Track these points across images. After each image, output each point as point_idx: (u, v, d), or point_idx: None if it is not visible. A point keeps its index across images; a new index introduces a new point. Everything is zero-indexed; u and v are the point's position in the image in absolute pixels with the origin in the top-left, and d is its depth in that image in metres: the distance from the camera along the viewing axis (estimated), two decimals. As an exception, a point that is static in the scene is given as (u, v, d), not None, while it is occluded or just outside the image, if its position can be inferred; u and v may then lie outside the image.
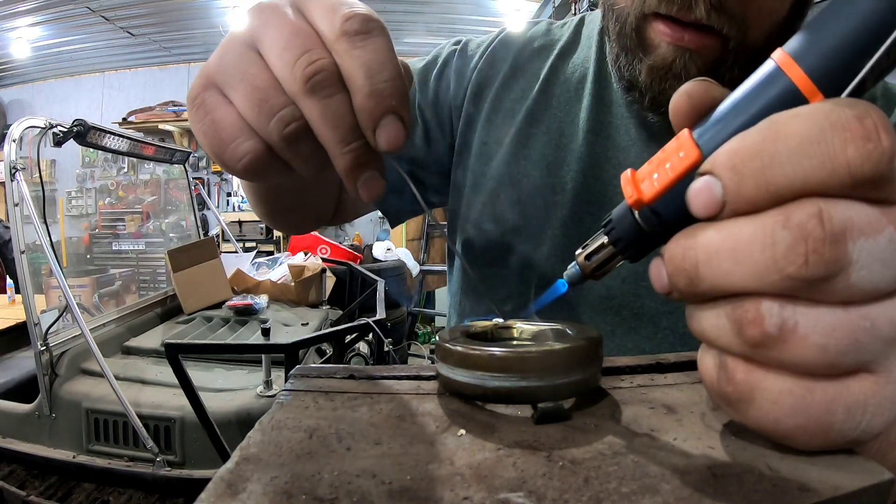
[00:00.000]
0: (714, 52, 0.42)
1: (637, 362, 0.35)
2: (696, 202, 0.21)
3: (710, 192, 0.20)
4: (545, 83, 0.57)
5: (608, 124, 0.54)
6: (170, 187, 5.97)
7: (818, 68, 0.20)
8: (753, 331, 0.20)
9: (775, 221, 0.19)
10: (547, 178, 0.54)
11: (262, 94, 0.27)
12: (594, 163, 0.53)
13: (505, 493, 0.20)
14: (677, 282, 0.22)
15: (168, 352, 1.43)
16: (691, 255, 0.21)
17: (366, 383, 0.32)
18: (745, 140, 0.20)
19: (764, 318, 0.19)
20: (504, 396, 0.26)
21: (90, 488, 1.64)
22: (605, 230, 0.26)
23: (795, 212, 0.19)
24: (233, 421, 1.55)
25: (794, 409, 0.20)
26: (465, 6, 5.00)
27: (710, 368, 0.22)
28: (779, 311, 0.19)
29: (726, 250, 0.20)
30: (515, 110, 0.57)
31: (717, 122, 0.22)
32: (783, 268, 0.19)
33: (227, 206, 5.98)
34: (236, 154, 0.28)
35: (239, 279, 2.63)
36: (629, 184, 0.24)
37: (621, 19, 0.46)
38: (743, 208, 0.20)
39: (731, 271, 0.20)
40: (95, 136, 2.02)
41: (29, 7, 4.54)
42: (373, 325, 1.66)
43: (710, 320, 0.22)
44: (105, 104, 6.17)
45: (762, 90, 0.21)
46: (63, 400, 1.71)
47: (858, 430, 0.20)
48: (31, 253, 1.78)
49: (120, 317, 2.19)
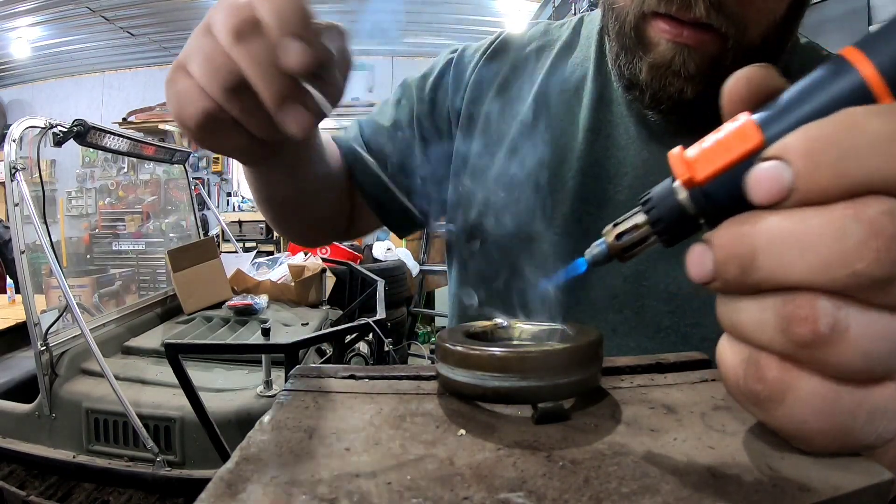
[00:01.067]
0: (713, 50, 0.43)
1: (637, 362, 0.35)
2: (759, 187, 0.20)
3: (777, 178, 0.19)
4: (544, 83, 0.58)
5: (608, 123, 0.54)
6: (170, 187, 5.97)
7: (891, 67, 0.19)
8: (804, 329, 0.19)
9: (846, 214, 0.18)
10: (547, 177, 0.54)
11: (209, 59, 0.33)
12: (594, 161, 0.54)
13: (505, 493, 0.20)
14: (727, 269, 0.20)
15: (168, 352, 1.42)
16: (748, 241, 0.20)
17: (366, 383, 0.32)
18: (822, 129, 0.19)
19: (818, 317, 0.19)
20: (504, 396, 0.26)
21: (90, 488, 1.64)
22: (645, 209, 0.24)
23: (869, 206, 0.18)
24: (233, 421, 1.55)
25: (821, 413, 0.20)
26: (465, 6, 5.00)
27: (736, 364, 0.21)
28: (833, 311, 0.18)
29: (791, 239, 0.19)
30: (515, 111, 0.58)
31: (782, 109, 0.21)
32: (851, 262, 0.18)
33: (227, 206, 5.98)
34: (190, 113, 0.34)
35: (239, 279, 2.63)
36: (680, 162, 0.22)
37: (620, 18, 0.46)
38: (813, 198, 0.19)
39: (792, 262, 0.19)
40: (95, 136, 2.01)
41: (29, 7, 4.54)
42: (373, 325, 1.66)
43: (751, 314, 0.20)
44: (105, 104, 6.17)
45: (829, 83, 0.20)
46: (63, 400, 1.71)
47: (875, 436, 0.20)
48: (31, 253, 1.78)
49: (120, 317, 2.19)
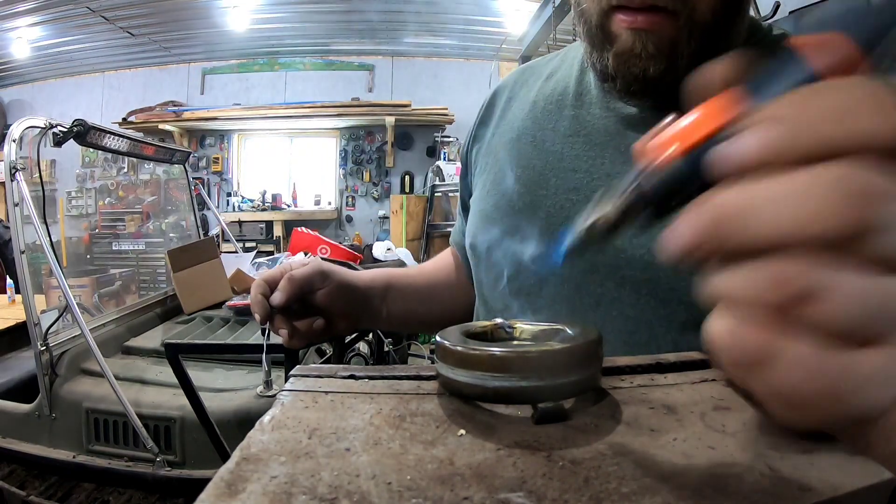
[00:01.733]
0: (668, 30, 0.49)
1: (637, 362, 0.35)
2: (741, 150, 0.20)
3: (759, 141, 0.20)
4: (532, 104, 0.67)
5: (586, 124, 0.61)
6: (170, 187, 5.97)
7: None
8: (787, 288, 0.19)
9: (830, 174, 0.19)
10: (532, 180, 0.62)
11: (255, 290, 0.62)
12: (574, 157, 0.60)
13: (505, 493, 0.20)
14: (711, 235, 0.21)
15: (168, 352, 1.43)
16: (732, 204, 0.21)
17: (366, 383, 0.32)
18: (801, 95, 0.20)
19: (801, 276, 0.19)
20: (504, 396, 0.26)
21: (90, 488, 1.64)
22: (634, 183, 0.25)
23: (851, 166, 0.19)
24: (233, 421, 1.55)
25: (810, 377, 0.20)
26: (465, 6, 5.00)
27: (725, 333, 0.22)
28: (816, 270, 0.19)
29: (769, 201, 0.20)
30: (512, 127, 0.68)
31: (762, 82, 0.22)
32: (830, 219, 0.18)
33: (227, 206, 5.98)
34: (255, 313, 0.63)
35: (239, 279, 2.63)
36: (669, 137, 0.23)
37: (587, 18, 0.53)
38: (795, 159, 0.20)
39: (775, 222, 0.19)
40: (95, 136, 2.02)
41: (29, 7, 4.54)
42: (373, 325, 1.66)
43: (736, 279, 0.21)
44: (105, 104, 6.17)
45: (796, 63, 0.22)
46: (63, 400, 1.71)
47: (869, 403, 0.20)
48: (31, 253, 1.78)
49: (120, 317, 2.19)
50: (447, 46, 5.98)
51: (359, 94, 6.20)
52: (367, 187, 6.19)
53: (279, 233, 5.72)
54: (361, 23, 5.39)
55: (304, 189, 6.24)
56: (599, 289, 0.56)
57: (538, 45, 4.96)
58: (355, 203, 6.21)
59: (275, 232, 5.76)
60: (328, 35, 5.72)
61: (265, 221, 5.78)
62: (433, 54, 6.20)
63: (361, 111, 5.78)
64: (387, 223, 5.91)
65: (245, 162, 6.38)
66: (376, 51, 6.15)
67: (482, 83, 6.03)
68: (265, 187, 6.04)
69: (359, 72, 6.30)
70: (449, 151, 5.69)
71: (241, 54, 6.11)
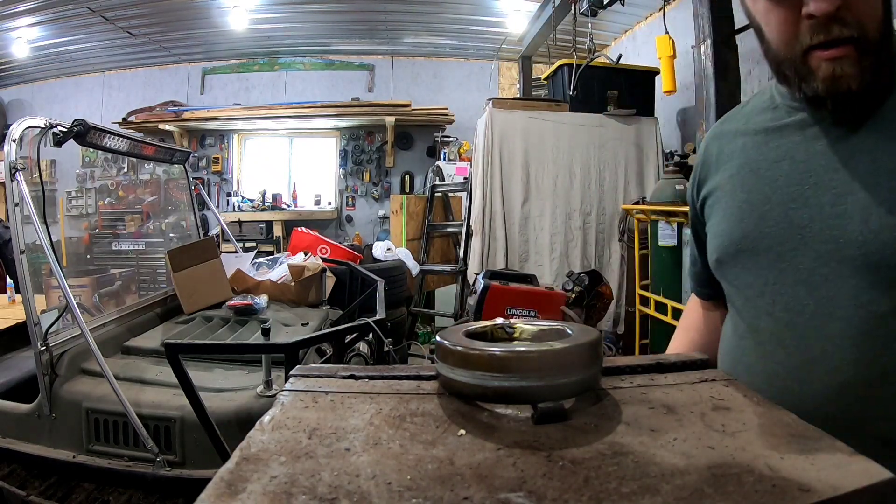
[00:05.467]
0: (852, 53, 0.61)
1: (637, 362, 0.35)
2: None
3: None
4: (743, 154, 0.77)
5: (788, 148, 0.71)
6: (170, 187, 5.97)
7: None
8: None
9: None
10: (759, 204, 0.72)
11: None
12: (785, 176, 0.71)
13: (505, 493, 0.20)
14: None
15: (168, 352, 1.42)
16: None
17: (366, 383, 0.32)
18: None
19: None
20: (504, 396, 0.26)
21: (90, 488, 1.63)
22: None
23: None
24: (233, 421, 1.55)
25: None
26: (465, 6, 5.00)
27: None
28: None
29: None
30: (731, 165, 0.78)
31: None
32: None
33: (227, 206, 5.98)
34: None
35: (239, 279, 2.63)
36: None
37: (784, 61, 0.65)
38: None
39: None
40: (95, 136, 2.01)
41: (29, 7, 4.54)
42: (373, 325, 1.66)
43: None
44: (105, 104, 6.17)
45: None
46: (63, 400, 1.71)
47: None
48: (31, 253, 1.78)
49: (120, 317, 2.19)
50: (447, 46, 5.98)
51: (359, 94, 6.20)
52: (367, 187, 6.19)
53: (279, 233, 5.72)
54: (361, 23, 5.39)
55: (304, 189, 6.24)
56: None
57: (538, 45, 4.95)
58: (355, 203, 6.21)
59: (275, 232, 5.76)
60: (328, 35, 5.72)
61: (265, 221, 5.79)
62: (433, 54, 6.20)
63: (361, 111, 5.78)
64: (387, 223, 5.92)
65: (245, 162, 6.38)
66: (376, 51, 6.15)
67: (482, 83, 6.03)
68: (265, 187, 6.04)
69: (359, 72, 6.30)
70: (449, 151, 5.68)
71: (241, 54, 6.11)
